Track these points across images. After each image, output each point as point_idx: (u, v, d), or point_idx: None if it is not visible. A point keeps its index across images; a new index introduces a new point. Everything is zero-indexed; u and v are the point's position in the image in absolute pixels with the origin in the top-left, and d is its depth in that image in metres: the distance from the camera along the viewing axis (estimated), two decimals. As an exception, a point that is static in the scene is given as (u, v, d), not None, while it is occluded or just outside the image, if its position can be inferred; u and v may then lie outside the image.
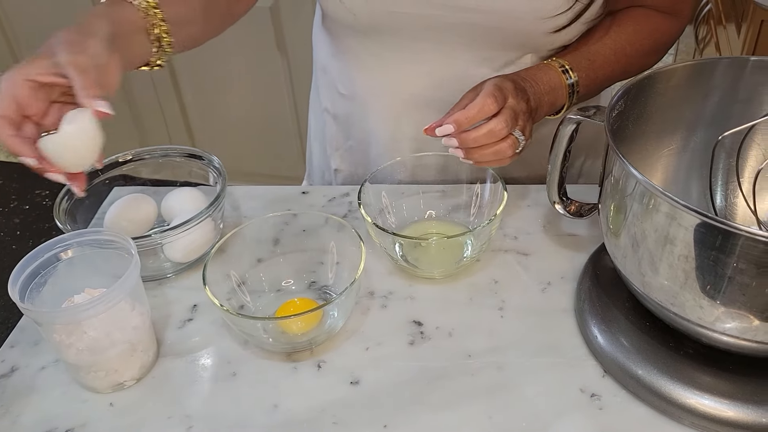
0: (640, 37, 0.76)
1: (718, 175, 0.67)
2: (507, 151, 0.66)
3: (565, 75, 0.73)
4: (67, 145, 0.58)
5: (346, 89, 0.86)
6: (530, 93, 0.70)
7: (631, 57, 0.77)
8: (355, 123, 0.88)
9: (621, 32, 0.76)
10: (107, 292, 0.58)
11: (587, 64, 0.74)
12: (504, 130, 0.64)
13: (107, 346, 0.60)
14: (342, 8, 0.74)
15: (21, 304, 0.58)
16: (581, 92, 0.75)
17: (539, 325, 0.66)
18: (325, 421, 0.59)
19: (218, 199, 0.73)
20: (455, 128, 0.64)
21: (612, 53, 0.75)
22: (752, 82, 0.62)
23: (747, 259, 0.47)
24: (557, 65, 0.73)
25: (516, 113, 0.65)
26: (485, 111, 0.64)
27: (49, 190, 0.90)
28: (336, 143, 0.92)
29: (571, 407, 0.59)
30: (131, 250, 0.62)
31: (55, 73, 0.57)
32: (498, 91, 0.65)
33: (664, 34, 0.78)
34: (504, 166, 0.68)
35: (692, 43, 1.92)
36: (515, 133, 0.66)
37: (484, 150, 0.66)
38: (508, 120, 0.64)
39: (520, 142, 0.67)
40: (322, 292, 0.70)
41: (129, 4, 0.64)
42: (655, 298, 0.56)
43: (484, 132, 0.64)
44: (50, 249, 0.63)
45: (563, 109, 0.75)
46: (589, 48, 0.75)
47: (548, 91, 0.72)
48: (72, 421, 0.61)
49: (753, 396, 0.55)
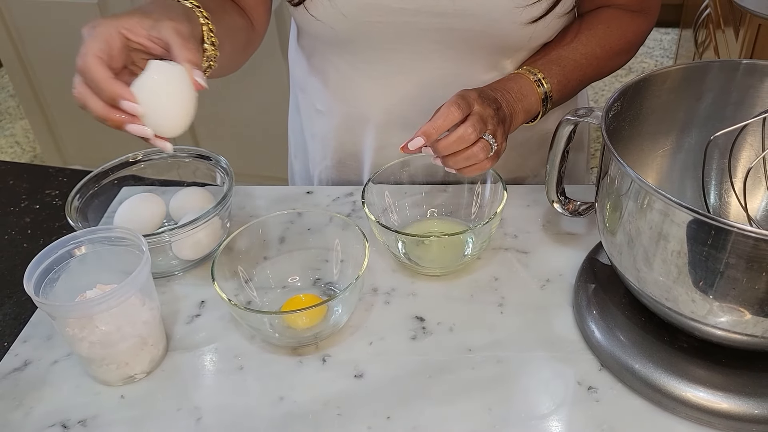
0: (611, 38, 0.77)
1: (711, 175, 0.69)
2: (479, 154, 0.67)
3: (537, 83, 0.74)
4: (164, 103, 0.54)
5: (324, 106, 0.86)
6: (502, 101, 0.71)
7: (602, 59, 0.78)
8: (334, 140, 0.88)
9: (591, 36, 0.77)
10: (119, 287, 0.60)
11: (558, 70, 0.75)
12: (473, 135, 0.66)
13: (118, 339, 0.62)
14: (319, 24, 0.74)
15: (36, 298, 0.60)
16: (555, 98, 0.76)
17: (538, 320, 0.68)
18: (329, 413, 0.61)
19: (225, 198, 0.74)
20: (425, 140, 0.66)
21: (583, 57, 0.76)
22: (744, 84, 0.64)
23: (737, 254, 0.49)
24: (528, 73, 0.74)
25: (483, 118, 0.67)
26: (450, 119, 0.65)
27: (59, 190, 0.92)
28: (315, 162, 0.93)
29: (568, 400, 0.60)
30: (142, 246, 0.63)
31: (148, 36, 0.56)
32: (461, 100, 0.66)
33: (635, 33, 0.79)
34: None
35: (692, 47, 1.94)
36: (486, 136, 0.67)
37: (457, 156, 0.67)
38: (475, 124, 0.66)
39: (492, 146, 0.68)
40: (327, 288, 0.72)
41: (183, 5, 0.63)
42: (649, 294, 0.58)
43: (454, 139, 0.66)
44: (64, 245, 0.65)
45: (539, 116, 0.76)
46: (560, 54, 0.76)
47: (520, 99, 0.73)
48: (84, 413, 0.62)
49: (745, 388, 0.57)
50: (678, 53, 2.46)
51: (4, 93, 2.86)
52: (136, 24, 0.56)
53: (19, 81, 2.15)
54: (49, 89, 2.16)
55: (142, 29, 0.56)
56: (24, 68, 2.12)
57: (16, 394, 0.64)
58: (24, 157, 2.49)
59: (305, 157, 0.96)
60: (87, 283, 0.65)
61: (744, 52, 1.43)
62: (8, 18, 2.02)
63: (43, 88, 2.16)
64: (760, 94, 0.64)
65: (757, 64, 0.63)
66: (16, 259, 0.81)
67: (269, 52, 1.78)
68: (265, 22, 0.83)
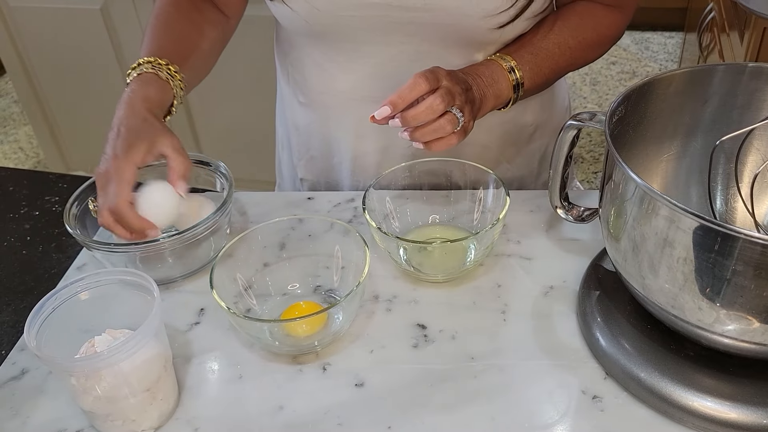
0: (584, 30, 0.78)
1: (717, 180, 0.68)
2: (446, 126, 0.67)
3: (509, 69, 0.75)
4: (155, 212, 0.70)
5: (305, 98, 0.88)
6: (472, 84, 0.72)
7: (575, 50, 0.78)
8: (315, 131, 0.90)
9: (564, 26, 0.78)
10: (127, 339, 0.55)
11: (530, 58, 0.76)
12: (440, 105, 0.66)
13: (126, 394, 0.57)
14: (294, 15, 0.76)
15: (38, 354, 0.55)
16: (526, 85, 0.76)
17: (541, 328, 0.67)
18: (330, 423, 0.60)
19: (225, 204, 0.74)
20: (392, 109, 0.66)
21: (556, 47, 0.77)
22: (750, 88, 0.63)
23: (745, 261, 0.48)
24: (500, 60, 0.75)
25: (452, 92, 0.67)
26: (417, 90, 0.66)
27: (59, 196, 0.92)
28: (299, 153, 0.95)
29: (572, 409, 0.59)
30: (153, 291, 0.60)
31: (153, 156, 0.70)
32: (430, 74, 0.67)
33: (608, 27, 0.80)
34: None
35: (696, 50, 1.93)
36: (453, 110, 0.67)
37: (424, 129, 0.67)
38: (444, 96, 0.66)
39: (459, 120, 0.68)
40: (327, 295, 0.71)
41: (157, 79, 0.74)
42: (655, 301, 0.57)
43: (423, 109, 0.66)
44: (71, 292, 0.61)
45: (510, 103, 0.77)
46: (533, 42, 0.77)
47: (491, 84, 0.74)
48: (81, 423, 0.62)
49: (754, 398, 0.56)
50: (682, 57, 2.45)
51: (7, 99, 2.86)
52: (140, 153, 0.69)
53: (22, 87, 2.16)
54: (53, 95, 2.16)
55: (150, 157, 0.70)
56: (27, 74, 2.12)
57: (13, 403, 0.64)
58: (27, 163, 2.50)
59: (290, 149, 0.97)
60: (95, 325, 0.61)
61: (749, 56, 1.42)
62: (11, 24, 2.03)
63: (46, 94, 2.16)
64: (767, 98, 0.63)
65: (763, 68, 0.62)
66: (15, 266, 0.81)
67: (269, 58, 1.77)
68: (240, 11, 0.88)
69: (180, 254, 0.73)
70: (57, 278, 0.78)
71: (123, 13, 1.92)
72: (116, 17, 1.93)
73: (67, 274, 0.78)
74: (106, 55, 2.00)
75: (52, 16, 1.97)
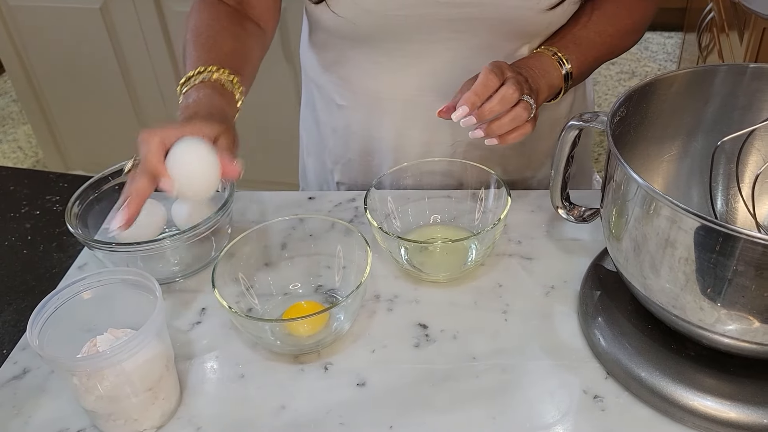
0: (620, 18, 0.80)
1: (718, 180, 0.68)
2: (522, 114, 0.68)
3: (558, 60, 0.76)
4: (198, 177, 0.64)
5: (345, 100, 0.87)
6: (527, 75, 0.72)
7: (614, 37, 0.80)
8: (354, 133, 0.89)
9: (602, 16, 0.79)
10: (130, 339, 0.55)
11: (575, 48, 0.77)
12: (515, 93, 0.67)
13: (128, 394, 0.57)
14: (340, 20, 0.76)
15: (41, 352, 0.55)
16: (574, 74, 0.77)
17: (543, 327, 0.67)
18: (331, 422, 0.60)
19: (227, 204, 0.74)
20: (470, 108, 0.66)
21: (596, 35, 0.79)
22: (751, 88, 0.63)
23: (746, 261, 0.48)
24: (547, 51, 0.76)
25: (519, 81, 0.68)
26: (490, 86, 0.67)
27: (60, 195, 0.92)
28: (335, 157, 0.94)
29: (574, 409, 0.59)
30: (155, 291, 0.59)
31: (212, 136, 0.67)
32: (496, 68, 0.68)
33: (641, 14, 0.82)
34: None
35: (695, 50, 1.93)
36: (525, 98, 0.68)
37: (502, 120, 0.68)
38: (515, 85, 0.67)
39: (532, 106, 0.69)
40: (329, 295, 0.71)
41: (222, 89, 0.72)
42: (656, 301, 0.57)
43: (498, 100, 0.67)
44: (72, 291, 0.61)
45: (561, 93, 0.78)
46: (575, 33, 0.78)
47: (543, 75, 0.74)
48: (83, 422, 0.62)
49: (754, 397, 0.56)
50: (682, 57, 2.45)
51: (6, 98, 2.86)
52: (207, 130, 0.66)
53: (21, 86, 2.15)
54: (52, 94, 2.16)
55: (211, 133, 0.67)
56: (26, 73, 2.12)
57: (15, 402, 0.64)
58: (26, 162, 2.50)
59: (322, 154, 0.96)
60: (97, 323, 0.61)
61: (749, 56, 1.42)
62: (11, 23, 2.02)
63: (45, 93, 2.16)
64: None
65: (765, 68, 0.62)
66: (16, 266, 0.81)
67: (272, 58, 1.77)
68: (275, 25, 0.87)
69: (182, 254, 0.73)
70: (58, 278, 0.78)
71: (122, 13, 1.92)
72: (116, 16, 1.93)
73: (68, 274, 0.78)
74: (105, 54, 2.00)
75: (51, 15, 1.97)
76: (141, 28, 1.93)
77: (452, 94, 0.70)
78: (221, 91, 0.72)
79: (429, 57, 0.79)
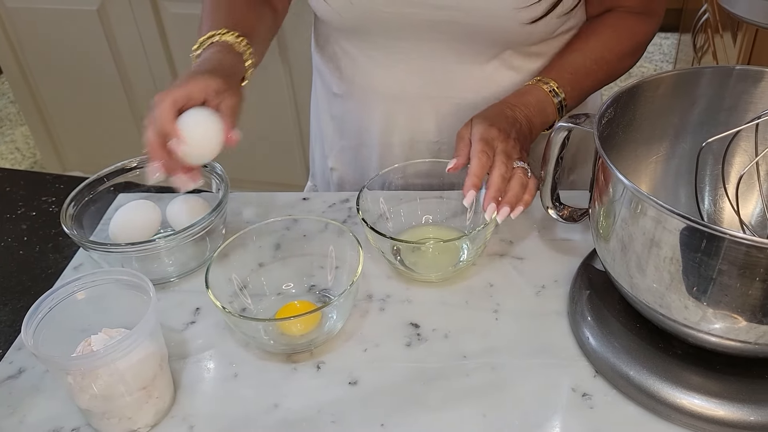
0: (619, 41, 0.80)
1: (705, 181, 0.69)
2: (523, 178, 0.70)
3: (552, 93, 0.77)
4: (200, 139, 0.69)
5: (339, 89, 0.90)
6: (521, 118, 0.74)
7: (611, 63, 0.80)
8: (349, 122, 0.92)
9: (599, 40, 0.80)
10: (124, 338, 0.56)
11: (570, 78, 0.78)
12: (508, 171, 0.69)
13: (122, 392, 0.58)
14: (329, 9, 0.78)
15: (36, 352, 0.56)
16: (569, 104, 0.78)
17: (533, 327, 0.68)
18: (323, 420, 0.61)
19: (221, 205, 0.75)
20: (476, 191, 0.69)
21: (593, 63, 0.79)
22: (737, 90, 0.64)
23: (730, 261, 0.49)
24: (543, 84, 0.77)
25: (508, 153, 0.70)
26: (484, 167, 0.69)
27: (56, 196, 0.92)
28: (331, 143, 0.96)
29: (563, 406, 0.60)
30: (149, 291, 0.60)
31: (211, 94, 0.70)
32: (486, 146, 0.70)
33: (641, 34, 0.82)
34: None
35: (691, 51, 1.94)
36: (517, 164, 0.70)
37: (508, 195, 0.69)
38: (504, 161, 0.69)
39: (527, 169, 0.71)
40: (322, 295, 0.72)
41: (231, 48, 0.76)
42: (643, 300, 0.57)
43: (496, 179, 0.69)
44: (67, 291, 0.62)
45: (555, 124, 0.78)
46: (571, 62, 0.79)
47: (539, 113, 0.76)
48: (77, 421, 0.62)
49: (739, 395, 0.57)
50: (677, 58, 2.46)
51: (4, 99, 2.86)
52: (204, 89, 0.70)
53: (19, 87, 2.16)
54: (49, 96, 2.16)
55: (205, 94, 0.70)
56: (24, 75, 2.13)
57: (11, 402, 0.64)
58: (24, 164, 2.50)
59: (322, 140, 0.99)
60: (91, 324, 0.62)
61: (742, 57, 1.43)
62: (8, 25, 2.03)
63: (42, 94, 2.16)
64: (753, 100, 0.64)
65: (750, 70, 0.63)
66: (12, 266, 0.81)
67: (267, 59, 1.78)
68: (286, 6, 0.91)
69: (176, 254, 0.74)
70: (54, 278, 0.79)
71: (119, 14, 1.92)
72: (113, 18, 1.94)
73: (63, 274, 0.79)
74: (102, 55, 2.01)
75: (48, 17, 1.97)
76: (138, 29, 1.94)
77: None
78: (230, 50, 0.75)
79: (416, 55, 0.80)
